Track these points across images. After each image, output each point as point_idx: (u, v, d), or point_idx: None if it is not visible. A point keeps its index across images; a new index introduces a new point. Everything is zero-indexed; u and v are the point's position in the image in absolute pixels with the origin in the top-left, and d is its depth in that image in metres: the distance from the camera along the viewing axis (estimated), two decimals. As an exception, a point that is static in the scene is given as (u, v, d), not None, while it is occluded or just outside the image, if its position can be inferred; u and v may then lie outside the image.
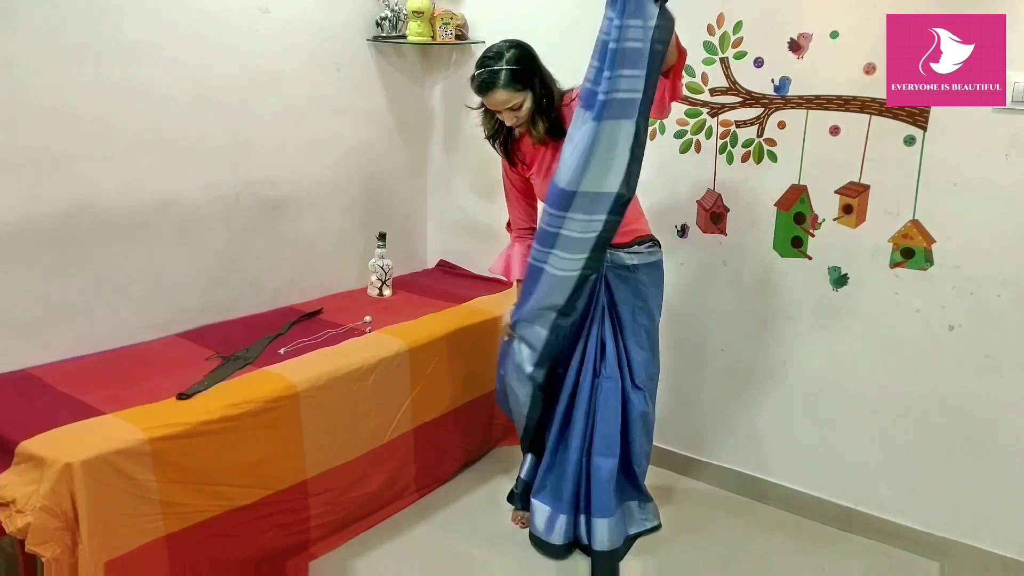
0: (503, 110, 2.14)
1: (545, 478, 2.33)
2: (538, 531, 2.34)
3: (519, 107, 2.12)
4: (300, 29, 2.79)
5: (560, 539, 2.31)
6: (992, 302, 2.20)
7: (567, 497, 2.28)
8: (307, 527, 2.30)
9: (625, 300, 2.26)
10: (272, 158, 2.78)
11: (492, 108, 2.16)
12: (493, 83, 2.08)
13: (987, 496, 2.30)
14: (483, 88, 2.11)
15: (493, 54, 2.11)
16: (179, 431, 1.91)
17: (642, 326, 2.29)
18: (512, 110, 2.13)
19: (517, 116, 2.14)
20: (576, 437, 2.26)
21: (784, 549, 2.46)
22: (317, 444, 2.26)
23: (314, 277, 3.00)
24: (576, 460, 2.26)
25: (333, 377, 2.28)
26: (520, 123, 2.17)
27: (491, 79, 2.08)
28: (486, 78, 2.09)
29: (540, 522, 2.33)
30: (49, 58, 2.16)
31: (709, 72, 2.52)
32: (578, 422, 2.26)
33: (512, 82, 2.08)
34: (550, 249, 2.05)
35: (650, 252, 2.27)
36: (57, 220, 2.24)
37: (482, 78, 2.10)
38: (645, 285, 2.27)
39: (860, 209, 2.35)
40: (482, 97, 2.14)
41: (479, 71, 2.11)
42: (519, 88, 2.10)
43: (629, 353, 2.28)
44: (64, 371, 2.19)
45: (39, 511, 1.70)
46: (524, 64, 2.10)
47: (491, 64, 2.09)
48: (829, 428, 2.53)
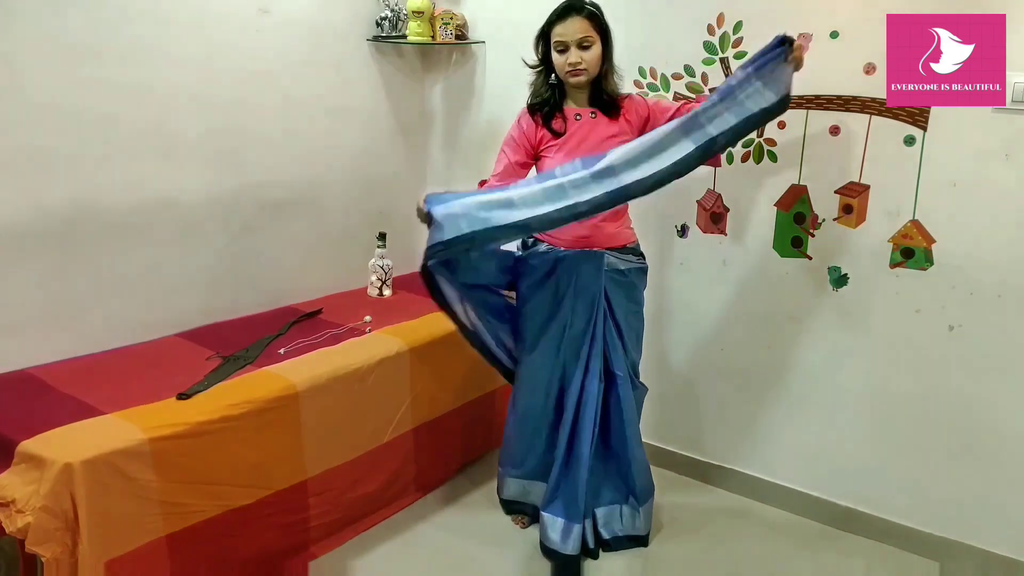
0: (572, 44, 2.13)
1: (556, 491, 2.32)
2: (553, 543, 2.30)
3: (589, 46, 2.13)
4: (300, 29, 2.79)
5: (575, 549, 2.28)
6: (992, 302, 2.19)
7: (580, 507, 2.27)
8: (307, 527, 2.30)
9: (620, 304, 2.27)
10: (272, 158, 2.78)
11: (562, 38, 2.13)
12: (578, 9, 2.12)
13: (987, 496, 2.30)
14: (564, 12, 2.13)
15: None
16: (179, 431, 1.91)
17: (634, 329, 2.33)
18: (581, 48, 2.13)
19: (583, 57, 2.14)
20: (584, 446, 2.25)
21: (784, 549, 2.46)
22: (317, 444, 2.26)
23: (314, 277, 3.00)
24: (585, 470, 2.26)
25: (333, 377, 2.28)
26: (584, 66, 2.14)
27: (575, 4, 2.13)
28: (569, 3, 2.14)
29: (555, 534, 2.29)
30: (49, 57, 2.16)
31: (709, 72, 2.52)
32: (585, 431, 2.25)
33: (592, 17, 2.13)
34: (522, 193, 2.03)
35: (638, 260, 2.32)
36: (57, 220, 2.24)
37: (565, 4, 2.14)
38: (638, 290, 2.33)
39: (860, 209, 2.35)
40: (558, 24, 2.14)
41: (561, 2, 2.16)
42: (595, 28, 2.13)
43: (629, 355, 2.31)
44: (64, 371, 2.19)
45: (39, 511, 1.70)
46: (601, 13, 2.17)
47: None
48: (829, 428, 2.53)
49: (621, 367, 2.28)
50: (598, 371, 2.25)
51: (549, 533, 2.31)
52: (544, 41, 2.20)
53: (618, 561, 2.39)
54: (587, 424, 2.25)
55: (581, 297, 2.24)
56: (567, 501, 2.29)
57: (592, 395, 2.25)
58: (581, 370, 2.26)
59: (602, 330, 2.25)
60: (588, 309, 2.24)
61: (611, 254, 2.24)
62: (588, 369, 2.26)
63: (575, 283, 2.24)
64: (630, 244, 2.30)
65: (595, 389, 2.25)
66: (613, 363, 2.28)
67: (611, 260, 2.25)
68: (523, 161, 2.29)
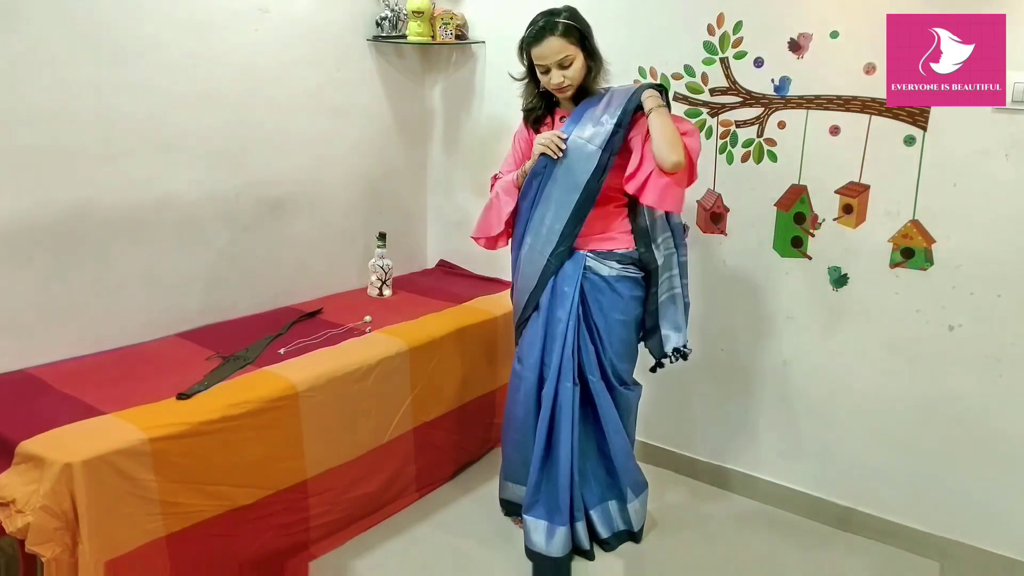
0: (552, 66, 2.10)
1: (536, 494, 2.30)
2: (538, 546, 2.29)
3: (570, 64, 2.10)
4: (300, 29, 2.79)
5: (561, 551, 2.28)
6: (992, 302, 2.19)
7: (563, 508, 2.27)
8: (307, 527, 2.30)
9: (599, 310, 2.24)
10: (272, 158, 2.78)
11: (542, 61, 2.11)
12: (552, 28, 2.07)
13: (987, 496, 2.30)
14: (539, 35, 2.08)
15: (549, 10, 2.12)
16: (179, 431, 1.91)
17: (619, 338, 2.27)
18: (562, 67, 2.10)
19: (565, 75, 2.11)
20: (563, 447, 2.24)
21: (784, 549, 2.46)
22: (317, 444, 2.26)
23: (314, 277, 3.00)
24: (567, 470, 2.25)
25: (333, 377, 2.28)
26: (568, 83, 2.12)
27: (548, 24, 2.08)
28: (543, 24, 2.09)
29: (538, 536, 2.29)
30: (49, 58, 2.16)
31: (709, 72, 2.52)
32: (563, 433, 2.24)
33: (567, 33, 2.07)
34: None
35: (625, 268, 2.23)
36: (57, 220, 2.24)
37: (538, 24, 2.09)
38: (624, 299, 2.25)
39: (860, 209, 2.35)
40: (535, 47, 2.10)
41: (534, 19, 2.11)
42: (572, 42, 2.08)
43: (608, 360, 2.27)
44: (64, 371, 2.19)
45: (39, 511, 1.70)
46: (578, 22, 2.11)
47: (547, 15, 2.10)
48: (829, 428, 2.53)
49: (594, 371, 2.25)
50: (571, 372, 2.22)
51: (532, 536, 2.30)
52: (526, 54, 2.17)
53: (617, 561, 2.39)
54: (565, 426, 2.23)
55: (558, 297, 2.23)
56: (549, 502, 2.28)
57: (567, 397, 2.22)
58: (555, 372, 2.24)
59: (575, 333, 2.22)
60: (565, 310, 2.22)
61: (592, 257, 2.22)
62: (561, 371, 2.23)
63: (554, 284, 2.24)
64: (618, 250, 2.24)
65: (569, 391, 2.22)
66: (585, 367, 2.25)
67: (592, 264, 2.22)
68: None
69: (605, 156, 2.11)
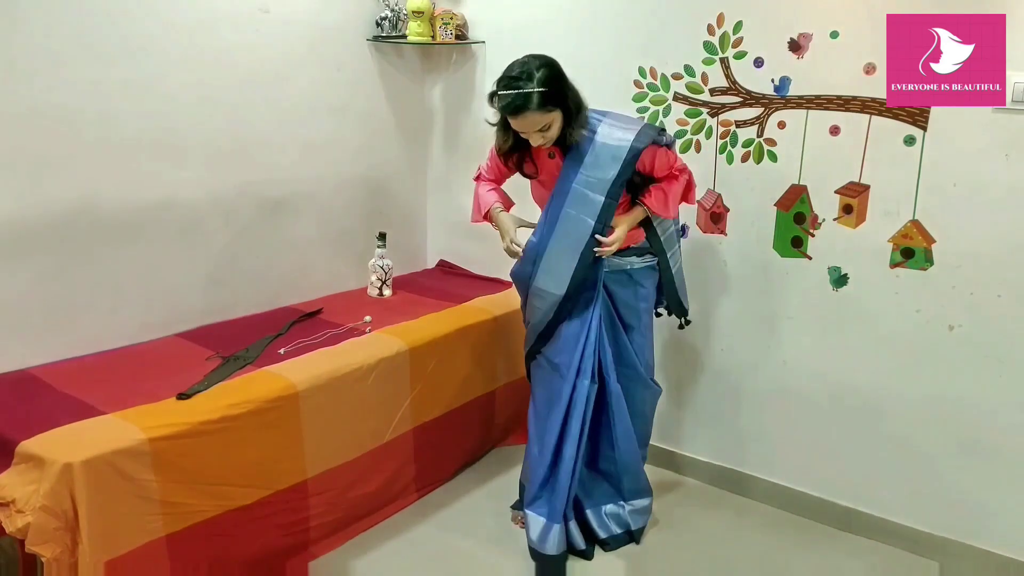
0: (531, 133, 2.06)
1: (541, 490, 2.32)
2: (533, 542, 2.31)
3: (548, 128, 2.05)
4: (300, 29, 2.79)
5: (555, 549, 2.28)
6: (992, 302, 2.19)
7: (560, 507, 2.27)
8: (307, 527, 2.30)
9: (626, 302, 2.30)
10: (272, 158, 2.78)
11: (520, 130, 2.07)
12: (525, 106, 1.97)
13: (987, 496, 2.30)
14: (514, 111, 2.00)
15: (521, 74, 1.98)
16: (179, 431, 1.91)
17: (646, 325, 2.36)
18: (541, 131, 2.05)
19: (545, 136, 2.07)
20: (570, 446, 2.25)
21: (784, 549, 2.46)
22: (317, 444, 2.26)
23: (314, 277, 3.00)
24: (569, 468, 2.25)
25: (333, 377, 2.28)
26: (547, 142, 2.10)
27: (523, 102, 1.97)
28: (518, 102, 1.97)
29: (535, 533, 2.30)
30: (49, 58, 2.16)
31: (709, 72, 2.52)
32: (572, 430, 2.25)
33: (544, 104, 1.99)
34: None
35: (642, 259, 2.32)
36: (57, 220, 2.24)
37: (513, 102, 1.98)
38: (644, 287, 2.33)
39: (860, 209, 2.35)
40: (511, 119, 2.04)
41: (508, 92, 1.98)
42: (550, 109, 2.01)
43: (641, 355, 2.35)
44: (64, 371, 2.19)
45: (39, 511, 1.70)
46: (554, 85, 2.00)
47: (521, 86, 1.97)
48: (829, 428, 2.53)
49: (612, 372, 2.28)
50: (590, 370, 2.24)
51: (530, 532, 2.32)
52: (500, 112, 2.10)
53: (618, 561, 2.39)
54: (575, 423, 2.25)
55: (577, 297, 2.23)
56: (550, 500, 2.29)
57: (582, 394, 2.23)
58: (574, 370, 2.25)
59: (597, 330, 2.24)
60: (584, 309, 2.23)
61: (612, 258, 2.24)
62: (580, 369, 2.24)
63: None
64: (633, 245, 2.29)
65: (586, 389, 2.23)
66: (605, 366, 2.27)
67: (612, 261, 2.25)
68: (500, 175, 2.42)
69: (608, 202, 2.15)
